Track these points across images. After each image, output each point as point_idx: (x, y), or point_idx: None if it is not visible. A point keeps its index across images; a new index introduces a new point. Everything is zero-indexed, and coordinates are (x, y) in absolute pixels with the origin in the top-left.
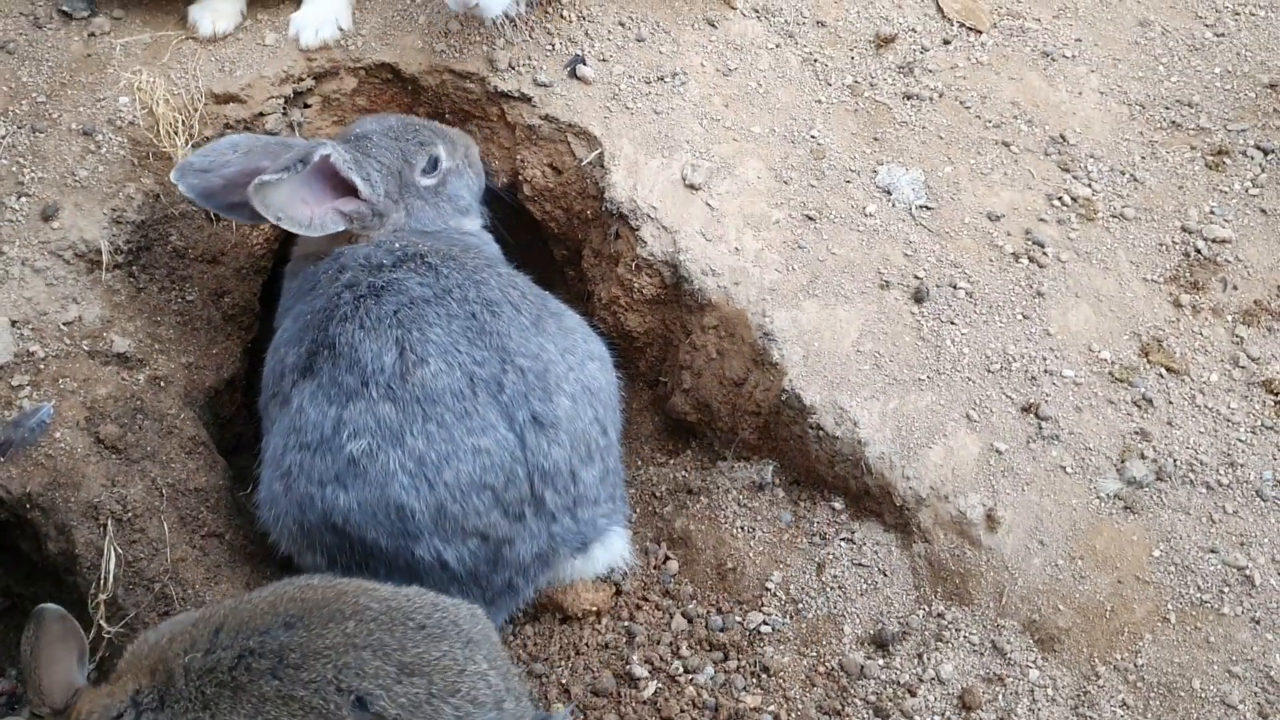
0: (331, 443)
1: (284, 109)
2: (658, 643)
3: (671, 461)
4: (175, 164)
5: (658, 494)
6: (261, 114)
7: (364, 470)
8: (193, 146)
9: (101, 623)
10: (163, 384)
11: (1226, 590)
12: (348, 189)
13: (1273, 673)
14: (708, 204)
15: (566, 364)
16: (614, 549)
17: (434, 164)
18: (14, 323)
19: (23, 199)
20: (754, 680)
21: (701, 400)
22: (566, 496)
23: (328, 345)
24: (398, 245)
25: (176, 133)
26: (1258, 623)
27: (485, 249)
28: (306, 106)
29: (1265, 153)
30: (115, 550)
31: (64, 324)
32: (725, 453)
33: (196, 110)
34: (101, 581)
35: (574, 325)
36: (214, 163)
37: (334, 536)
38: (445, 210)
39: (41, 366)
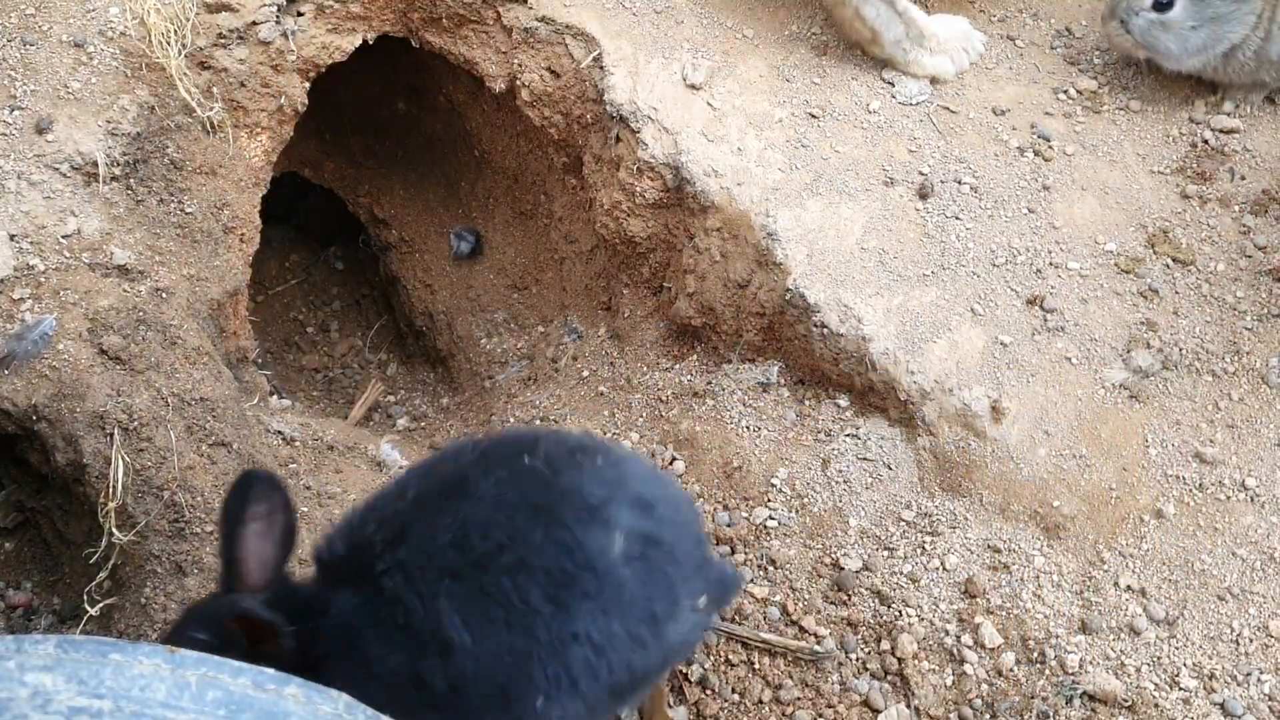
0: None
1: (277, 17)
2: None
3: (677, 366)
4: (169, 74)
5: (663, 399)
6: (254, 23)
7: None
8: (185, 56)
9: (113, 530)
10: (165, 295)
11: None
12: None
13: (1277, 555)
14: (709, 104)
15: None
16: None
17: None
18: (13, 236)
19: (15, 112)
20: (761, 572)
21: (706, 304)
22: None
23: None
24: None
25: (169, 43)
26: (1263, 506)
27: None
28: (300, 15)
29: None
30: (123, 458)
31: (63, 237)
32: (730, 355)
33: (188, 20)
34: (111, 490)
35: None
36: None
37: None
38: None
39: (42, 279)
